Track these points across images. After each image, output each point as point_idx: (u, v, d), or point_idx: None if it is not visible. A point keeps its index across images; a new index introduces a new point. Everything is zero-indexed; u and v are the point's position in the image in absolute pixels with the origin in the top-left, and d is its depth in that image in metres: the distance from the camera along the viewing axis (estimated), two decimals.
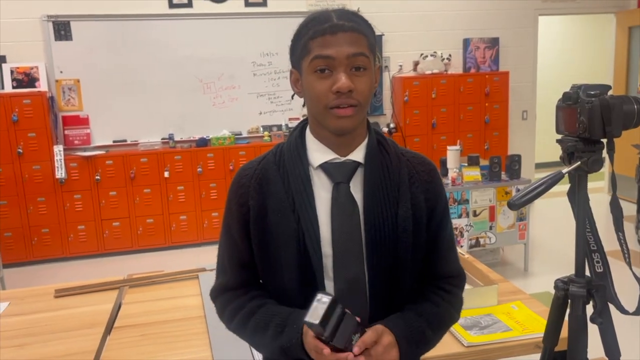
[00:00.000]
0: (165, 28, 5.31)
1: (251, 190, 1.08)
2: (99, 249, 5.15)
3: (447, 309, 1.12)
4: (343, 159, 1.06)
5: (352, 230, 1.03)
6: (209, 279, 2.28)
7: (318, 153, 1.06)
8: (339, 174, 1.05)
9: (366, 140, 1.08)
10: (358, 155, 1.06)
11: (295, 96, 1.11)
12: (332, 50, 0.97)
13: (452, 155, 4.16)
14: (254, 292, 1.14)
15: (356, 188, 1.06)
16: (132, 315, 2.00)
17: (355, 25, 0.98)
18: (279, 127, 5.67)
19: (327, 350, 0.92)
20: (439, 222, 1.11)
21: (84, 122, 5.21)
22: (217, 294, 1.21)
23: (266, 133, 5.58)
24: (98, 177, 5.05)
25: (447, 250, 1.14)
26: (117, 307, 2.09)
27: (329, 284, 1.04)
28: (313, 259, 1.03)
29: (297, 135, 1.10)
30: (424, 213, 1.08)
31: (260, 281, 1.16)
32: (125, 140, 5.32)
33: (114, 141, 5.29)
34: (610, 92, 1.03)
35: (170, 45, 5.33)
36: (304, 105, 1.10)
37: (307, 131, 1.10)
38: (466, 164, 4.19)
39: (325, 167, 1.06)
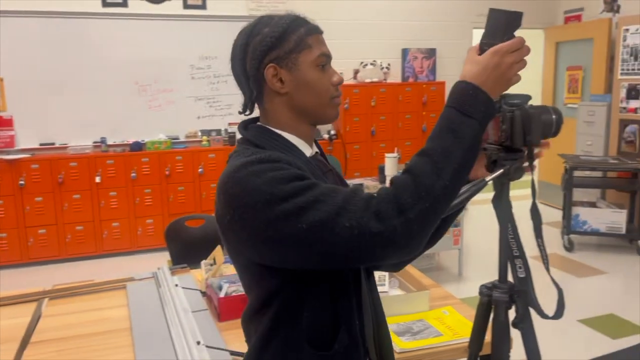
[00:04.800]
0: (99, 27, 5.11)
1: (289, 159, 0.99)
2: (22, 258, 4.85)
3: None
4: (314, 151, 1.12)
5: None
6: (137, 289, 2.18)
7: (304, 148, 1.08)
8: (324, 165, 1.13)
9: None
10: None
11: (228, 97, 1.08)
12: (327, 49, 1.07)
13: (390, 162, 4.23)
14: None
15: None
16: (50, 329, 1.87)
17: None
18: (218, 131, 5.57)
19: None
20: None
21: (7, 123, 4.90)
22: (367, 206, 0.88)
23: (205, 137, 5.46)
24: (22, 182, 4.77)
25: None
26: (36, 321, 1.96)
27: None
28: None
29: (273, 137, 1.05)
30: None
31: None
32: (53, 144, 5.06)
33: (40, 144, 5.03)
34: (530, 102, 1.06)
35: (103, 45, 5.13)
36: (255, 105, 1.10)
37: (274, 132, 1.06)
38: (397, 174, 4.25)
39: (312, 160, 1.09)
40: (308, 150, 1.08)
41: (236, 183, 0.93)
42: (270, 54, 1.02)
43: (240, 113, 1.09)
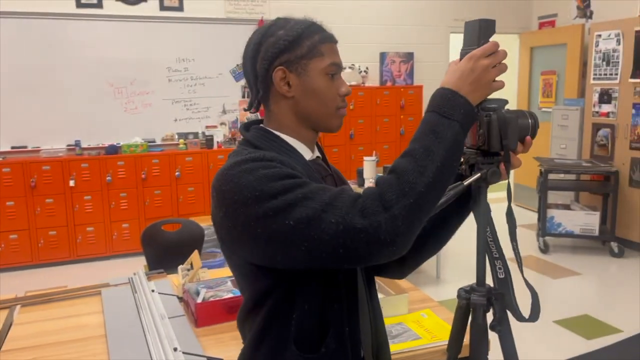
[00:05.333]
0: (73, 28, 5.03)
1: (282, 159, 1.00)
2: None
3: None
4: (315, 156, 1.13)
5: None
6: (113, 295, 2.14)
7: (304, 152, 1.09)
8: (324, 169, 1.13)
9: None
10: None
11: (211, 100, 1.07)
12: (339, 59, 1.07)
13: (369, 165, 4.24)
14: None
15: None
16: (23, 337, 1.83)
17: None
18: (196, 134, 5.52)
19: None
20: None
21: None
22: (359, 207, 0.88)
23: (182, 141, 5.41)
24: None
25: None
26: (7, 328, 1.91)
27: None
28: None
29: (272, 138, 1.06)
30: None
31: None
32: (25, 147, 4.95)
33: (12, 147, 4.92)
34: (507, 107, 1.06)
35: (78, 46, 5.05)
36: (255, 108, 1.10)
37: (274, 133, 1.08)
38: (382, 175, 4.27)
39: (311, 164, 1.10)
40: (308, 154, 1.09)
41: (229, 180, 0.94)
42: (281, 57, 1.03)
43: (245, 110, 1.10)
